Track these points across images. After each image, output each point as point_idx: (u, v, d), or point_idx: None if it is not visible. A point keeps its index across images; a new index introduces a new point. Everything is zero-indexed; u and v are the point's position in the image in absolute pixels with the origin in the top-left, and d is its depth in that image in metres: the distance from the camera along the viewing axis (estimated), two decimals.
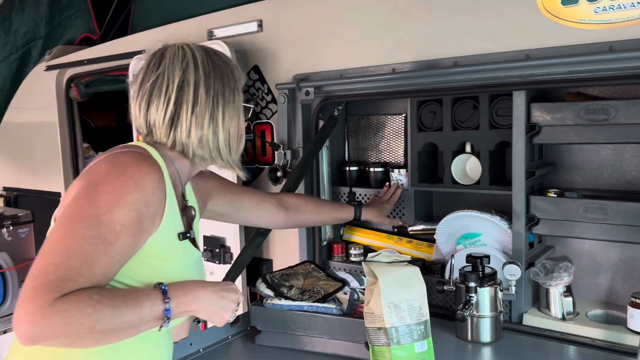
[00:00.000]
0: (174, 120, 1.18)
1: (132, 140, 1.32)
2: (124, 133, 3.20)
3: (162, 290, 1.06)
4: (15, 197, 3.72)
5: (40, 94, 3.37)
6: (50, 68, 3.25)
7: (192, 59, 1.20)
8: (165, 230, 1.13)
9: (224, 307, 1.15)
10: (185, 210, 1.27)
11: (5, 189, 3.80)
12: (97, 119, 4.22)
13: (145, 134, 1.23)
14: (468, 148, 1.89)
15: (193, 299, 1.10)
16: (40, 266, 0.96)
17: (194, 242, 1.28)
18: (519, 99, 1.69)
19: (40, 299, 0.92)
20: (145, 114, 1.21)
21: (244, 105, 1.29)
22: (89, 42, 3.45)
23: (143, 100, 1.21)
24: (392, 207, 2.07)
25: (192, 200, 1.35)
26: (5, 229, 3.11)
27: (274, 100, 2.27)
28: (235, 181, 2.20)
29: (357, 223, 2.30)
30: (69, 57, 3.17)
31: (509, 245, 1.79)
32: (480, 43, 1.72)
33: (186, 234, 1.20)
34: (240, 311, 1.52)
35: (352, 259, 2.22)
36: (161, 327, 1.05)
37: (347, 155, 2.29)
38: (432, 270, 1.98)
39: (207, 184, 1.49)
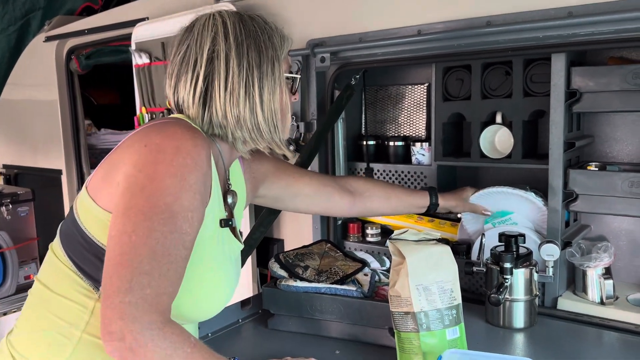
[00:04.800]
0: (206, 100, 1.05)
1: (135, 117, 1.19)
2: (126, 111, 3.08)
3: None
4: (16, 174, 3.61)
5: (40, 67, 3.23)
6: (49, 39, 3.11)
7: (222, 27, 1.05)
8: (209, 215, 1.00)
9: None
10: (227, 195, 1.14)
11: (4, 166, 3.68)
12: (100, 97, 4.09)
13: (178, 113, 1.11)
14: (499, 118, 1.74)
15: None
16: (129, 277, 0.85)
17: (234, 232, 1.16)
18: (559, 63, 1.53)
19: (146, 318, 0.84)
20: (174, 93, 1.09)
21: (287, 77, 1.13)
22: (90, 12, 3.29)
23: (172, 77, 1.08)
24: (413, 186, 1.93)
25: (237, 184, 1.22)
26: (4, 207, 3.00)
27: None
28: None
29: None
30: (69, 27, 3.02)
31: (542, 224, 1.65)
32: (516, 0, 1.56)
33: (228, 221, 1.08)
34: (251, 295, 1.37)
35: (369, 239, 2.09)
36: None
37: (364, 128, 2.15)
38: (457, 251, 1.83)
39: (261, 167, 1.34)
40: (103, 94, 4.08)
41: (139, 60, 2.45)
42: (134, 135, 0.98)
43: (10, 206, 2.99)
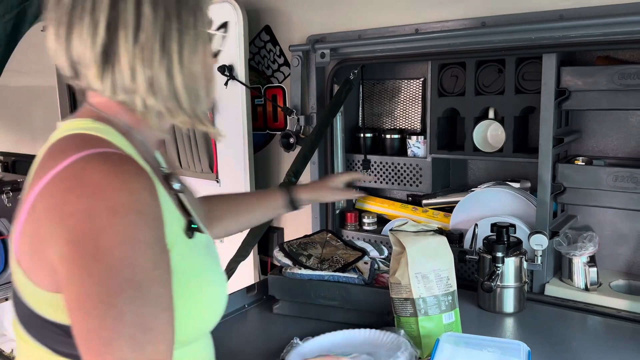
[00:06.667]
0: (109, 55, 0.78)
1: None
2: None
3: None
4: (13, 162, 3.64)
5: (38, 56, 3.24)
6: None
7: None
8: (173, 239, 0.81)
9: None
10: (170, 182, 0.92)
11: (2, 153, 3.70)
12: None
13: (71, 76, 0.85)
14: (491, 114, 1.83)
15: None
16: None
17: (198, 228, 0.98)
18: (549, 62, 1.61)
19: None
20: (66, 47, 0.80)
21: (210, 33, 0.88)
22: None
23: (61, 26, 0.80)
24: (409, 177, 2.01)
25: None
26: (5, 195, 3.03)
27: (286, 64, 2.18)
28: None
29: (369, 191, 2.25)
30: None
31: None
32: (510, 2, 1.63)
33: (191, 226, 0.87)
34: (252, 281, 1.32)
35: (366, 227, 2.17)
36: None
37: (361, 121, 2.22)
38: (450, 239, 1.91)
39: None
40: None
41: None
42: (48, 189, 0.74)
43: (11, 194, 3.03)
